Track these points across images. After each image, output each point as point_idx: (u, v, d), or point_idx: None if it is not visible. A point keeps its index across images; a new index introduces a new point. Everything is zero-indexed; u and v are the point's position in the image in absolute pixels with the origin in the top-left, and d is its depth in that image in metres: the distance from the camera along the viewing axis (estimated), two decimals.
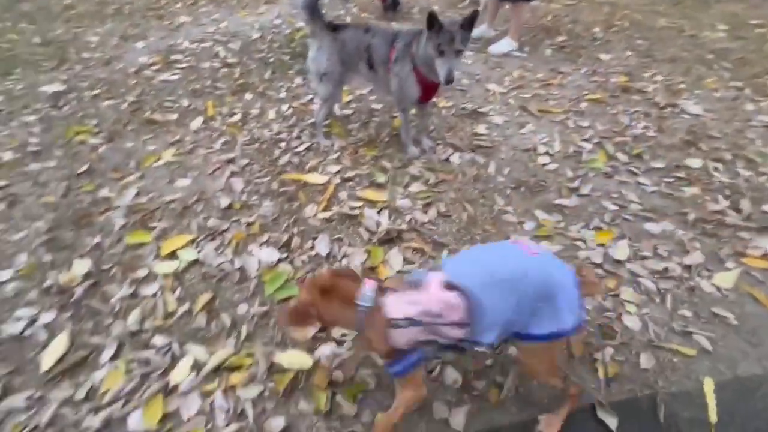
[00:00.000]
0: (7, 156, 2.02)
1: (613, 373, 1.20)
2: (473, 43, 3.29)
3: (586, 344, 1.27)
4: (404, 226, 1.70)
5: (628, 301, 1.43)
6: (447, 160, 2.09)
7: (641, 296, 1.43)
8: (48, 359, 1.25)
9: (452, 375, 1.20)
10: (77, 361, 1.25)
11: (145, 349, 1.28)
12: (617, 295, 1.45)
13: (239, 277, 1.51)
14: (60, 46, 3.01)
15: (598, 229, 1.71)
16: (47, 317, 1.37)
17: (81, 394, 1.18)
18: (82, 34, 3.20)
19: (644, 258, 1.55)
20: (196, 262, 1.56)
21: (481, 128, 2.31)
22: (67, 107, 2.41)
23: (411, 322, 0.85)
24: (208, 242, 1.65)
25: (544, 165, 2.06)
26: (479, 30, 3.43)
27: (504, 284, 0.87)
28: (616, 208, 1.80)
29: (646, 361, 1.23)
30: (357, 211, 1.77)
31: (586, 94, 2.62)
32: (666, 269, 1.50)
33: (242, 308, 1.41)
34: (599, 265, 1.56)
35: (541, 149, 2.15)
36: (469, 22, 1.62)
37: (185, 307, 1.40)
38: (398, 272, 1.51)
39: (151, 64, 2.89)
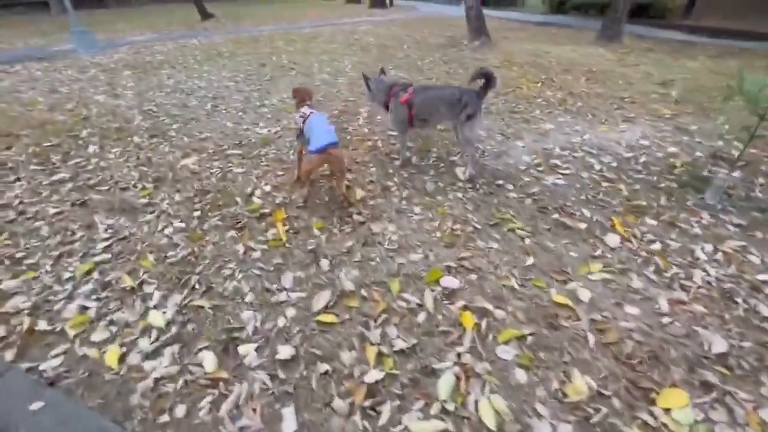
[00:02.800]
0: (459, 226, 2.39)
1: None
2: None
3: None
4: None
5: None
6: None
7: None
8: None
9: None
10: None
11: None
12: None
13: None
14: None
15: None
16: (564, 429, 1.35)
17: None
18: None
19: None
20: (697, 427, 1.34)
21: None
22: (481, 191, 2.79)
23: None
24: (711, 410, 1.41)
25: None
26: None
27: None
28: None
29: None
30: None
31: None
32: None
33: None
34: None
35: None
36: None
37: None
38: None
39: (537, 165, 3.16)
